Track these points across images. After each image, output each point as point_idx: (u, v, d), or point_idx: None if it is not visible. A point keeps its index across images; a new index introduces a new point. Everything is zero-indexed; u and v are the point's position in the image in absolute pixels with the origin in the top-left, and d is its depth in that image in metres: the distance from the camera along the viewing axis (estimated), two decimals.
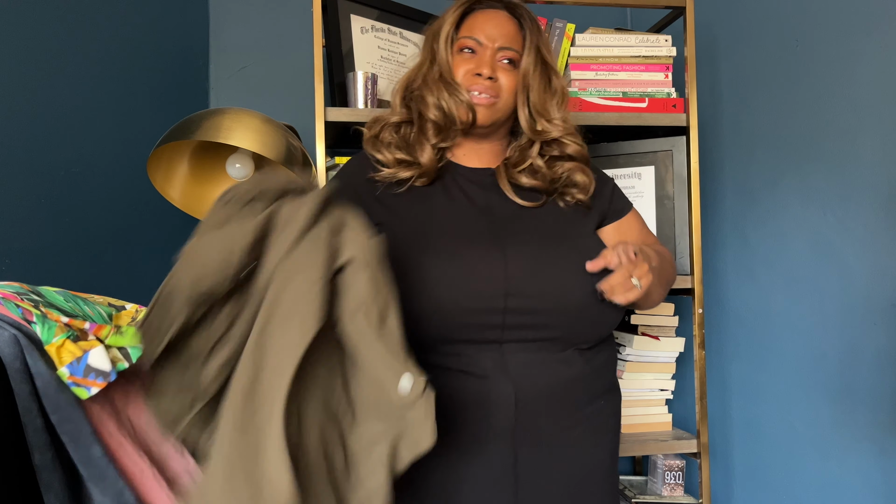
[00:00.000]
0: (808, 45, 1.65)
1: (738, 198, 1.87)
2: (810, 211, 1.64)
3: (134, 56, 1.68)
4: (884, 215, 1.46)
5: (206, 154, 1.67)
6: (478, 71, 1.12)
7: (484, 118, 1.13)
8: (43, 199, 1.37)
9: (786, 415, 1.71)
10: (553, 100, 1.16)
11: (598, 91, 1.66)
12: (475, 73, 1.13)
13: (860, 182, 1.52)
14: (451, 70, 1.14)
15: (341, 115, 1.56)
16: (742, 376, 1.86)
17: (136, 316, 0.93)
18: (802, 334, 1.66)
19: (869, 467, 1.50)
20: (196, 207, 1.69)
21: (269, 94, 2.08)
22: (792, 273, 1.69)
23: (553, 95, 1.16)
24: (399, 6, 1.78)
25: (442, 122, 1.13)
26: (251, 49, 2.08)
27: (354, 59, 1.68)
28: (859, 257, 1.52)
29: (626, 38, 1.68)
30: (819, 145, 1.62)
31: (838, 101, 1.57)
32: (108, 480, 0.80)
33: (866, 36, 1.50)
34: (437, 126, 1.13)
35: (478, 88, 1.12)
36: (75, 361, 0.78)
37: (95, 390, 0.79)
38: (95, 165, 1.53)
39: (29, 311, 0.79)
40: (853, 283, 1.53)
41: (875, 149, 1.48)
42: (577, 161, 1.17)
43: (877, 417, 1.48)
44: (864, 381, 1.51)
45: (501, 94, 1.14)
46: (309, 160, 1.58)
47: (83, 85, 1.50)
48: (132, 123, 1.66)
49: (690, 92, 1.65)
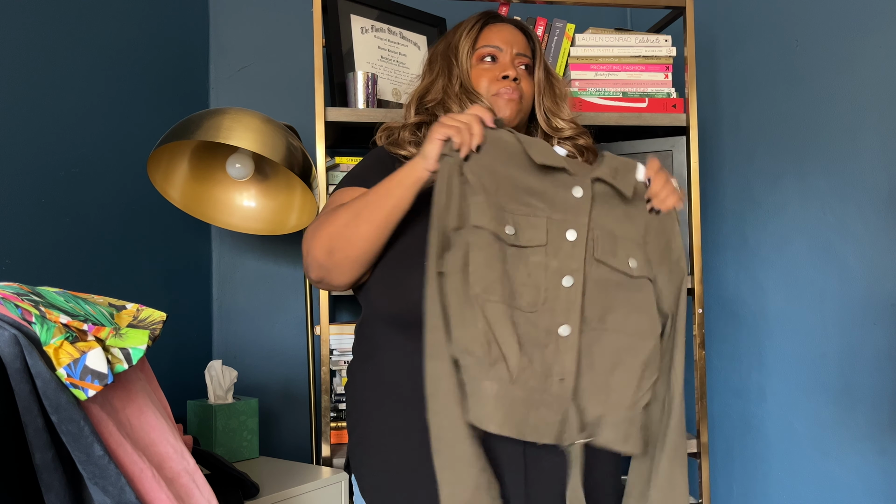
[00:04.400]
0: (808, 45, 1.65)
1: (738, 198, 1.87)
2: (810, 211, 1.64)
3: (134, 56, 1.68)
4: (884, 215, 1.46)
5: (206, 154, 1.67)
6: (504, 74, 1.23)
7: (511, 114, 1.22)
8: (43, 199, 1.37)
9: (786, 415, 1.72)
10: (563, 104, 1.29)
11: (597, 91, 1.66)
12: (501, 76, 1.23)
13: (860, 182, 1.52)
14: (472, 81, 1.24)
15: (341, 115, 1.56)
16: (742, 376, 1.86)
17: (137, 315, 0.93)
18: (802, 334, 1.66)
19: (869, 467, 1.50)
20: (196, 207, 1.69)
21: (269, 94, 2.08)
22: (792, 273, 1.69)
23: (563, 100, 1.30)
24: (399, 6, 1.78)
25: None
26: (251, 49, 2.08)
27: (354, 59, 1.68)
28: (859, 257, 1.52)
29: (626, 38, 1.68)
30: (819, 145, 1.62)
31: (838, 101, 1.57)
32: (108, 480, 0.80)
33: (866, 36, 1.50)
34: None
35: (505, 90, 1.22)
36: (73, 363, 0.78)
37: (92, 392, 0.79)
38: (95, 165, 1.53)
39: (28, 312, 0.79)
40: (853, 283, 1.53)
41: (875, 149, 1.48)
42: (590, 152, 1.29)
43: (877, 417, 1.48)
44: (864, 381, 1.51)
45: (524, 96, 1.25)
46: (309, 160, 1.58)
47: (83, 85, 1.50)
48: (132, 123, 1.66)
49: (690, 92, 1.65)
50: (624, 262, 1.06)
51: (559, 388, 1.01)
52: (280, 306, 2.07)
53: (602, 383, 1.03)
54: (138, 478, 0.84)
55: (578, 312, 1.03)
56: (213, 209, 1.72)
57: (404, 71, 1.75)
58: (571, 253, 1.04)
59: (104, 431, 0.83)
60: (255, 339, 2.06)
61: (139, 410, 0.89)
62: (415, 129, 1.24)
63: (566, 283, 1.03)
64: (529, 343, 1.01)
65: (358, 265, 1.11)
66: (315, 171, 1.58)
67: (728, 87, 1.92)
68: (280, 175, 1.71)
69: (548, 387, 1.01)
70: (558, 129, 1.28)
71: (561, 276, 1.03)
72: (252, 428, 1.65)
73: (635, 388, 1.04)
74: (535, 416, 1.00)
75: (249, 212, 1.76)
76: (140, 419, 0.89)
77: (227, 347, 2.05)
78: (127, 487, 0.80)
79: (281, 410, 2.05)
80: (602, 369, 1.03)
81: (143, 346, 0.85)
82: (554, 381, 1.01)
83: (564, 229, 1.05)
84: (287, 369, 2.06)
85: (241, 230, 1.74)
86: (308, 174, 1.56)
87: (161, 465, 0.89)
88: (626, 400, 1.03)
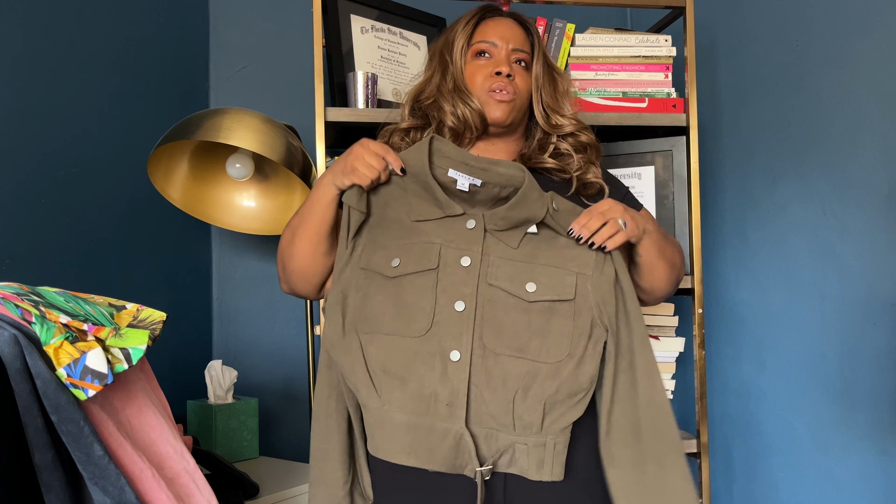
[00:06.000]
0: (807, 45, 1.65)
1: (738, 198, 1.87)
2: (810, 211, 1.64)
3: (134, 56, 1.68)
4: (884, 215, 1.46)
5: (206, 154, 1.67)
6: (497, 70, 1.19)
7: (504, 115, 1.19)
8: (43, 199, 1.37)
9: (786, 415, 1.72)
10: (564, 99, 1.25)
11: (597, 91, 1.66)
12: (494, 72, 1.19)
13: (860, 182, 1.52)
14: (465, 79, 1.22)
15: (341, 115, 1.56)
16: (742, 376, 1.86)
17: (137, 315, 0.93)
18: (802, 334, 1.66)
19: (869, 467, 1.50)
20: (196, 207, 1.69)
21: (269, 94, 2.08)
22: (792, 273, 1.69)
23: (563, 96, 1.25)
24: (399, 6, 1.78)
25: (459, 128, 1.20)
26: (251, 49, 2.08)
27: (354, 59, 1.68)
28: (859, 257, 1.52)
29: (626, 38, 1.68)
30: (819, 145, 1.62)
31: (838, 101, 1.57)
32: (108, 480, 0.80)
33: (866, 36, 1.50)
34: (455, 132, 1.21)
35: (497, 87, 1.19)
36: (73, 363, 0.78)
37: (92, 392, 0.79)
38: (95, 165, 1.53)
39: (28, 312, 0.79)
40: (853, 283, 1.53)
41: (875, 149, 1.48)
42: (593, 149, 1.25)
43: (877, 417, 1.48)
44: (864, 381, 1.51)
45: (519, 93, 1.21)
46: (309, 160, 1.58)
47: (83, 85, 1.50)
48: (132, 123, 1.66)
49: (690, 92, 1.65)
50: (520, 287, 1.03)
51: (447, 413, 0.98)
52: (280, 306, 2.07)
53: (505, 409, 0.99)
54: (138, 478, 0.84)
55: (470, 337, 1.00)
56: (213, 209, 1.72)
57: (404, 71, 1.75)
58: (465, 278, 1.03)
59: (104, 431, 0.83)
60: (255, 339, 2.06)
61: (139, 410, 0.89)
62: (404, 135, 1.24)
63: (458, 307, 1.02)
64: (409, 367, 1.00)
65: (309, 276, 1.15)
66: (315, 171, 1.58)
67: (728, 87, 1.92)
68: (280, 175, 1.71)
69: (431, 411, 0.99)
70: (557, 126, 1.23)
71: (453, 300, 1.02)
72: (252, 428, 1.65)
73: (541, 412, 0.99)
74: (410, 439, 0.99)
75: (249, 212, 1.76)
76: (140, 419, 0.89)
77: (227, 347, 2.05)
78: (127, 487, 0.80)
79: (281, 410, 2.05)
80: (504, 394, 1.00)
81: (143, 346, 0.85)
82: (440, 405, 0.99)
83: (458, 256, 1.04)
84: (287, 369, 2.06)
85: (241, 230, 1.74)
86: (308, 174, 1.56)
87: (161, 465, 0.89)
88: (533, 425, 1.00)
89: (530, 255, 1.06)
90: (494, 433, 1.00)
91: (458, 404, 0.98)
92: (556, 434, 1.00)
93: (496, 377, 1.00)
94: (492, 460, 1.00)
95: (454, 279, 1.03)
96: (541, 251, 1.06)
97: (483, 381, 1.00)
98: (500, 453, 1.01)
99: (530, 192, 1.04)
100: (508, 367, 1.00)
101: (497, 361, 1.00)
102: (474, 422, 1.00)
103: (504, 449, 1.00)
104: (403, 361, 1.01)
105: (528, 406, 0.99)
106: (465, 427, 0.98)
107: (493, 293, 1.03)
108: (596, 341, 1.03)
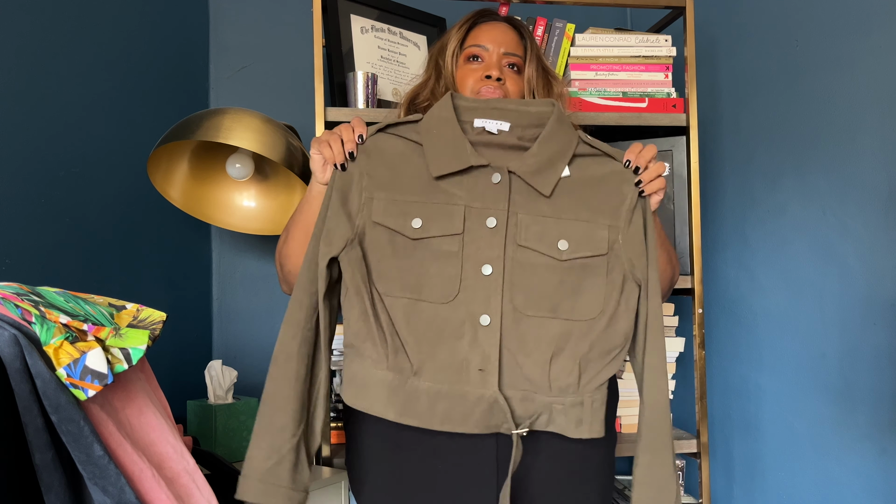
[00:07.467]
0: (807, 45, 1.65)
1: (738, 198, 1.87)
2: (810, 211, 1.64)
3: (134, 56, 1.68)
4: (884, 215, 1.46)
5: (206, 154, 1.67)
6: (487, 73, 1.20)
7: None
8: (43, 199, 1.37)
9: (786, 415, 1.72)
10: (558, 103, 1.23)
11: (597, 91, 1.66)
12: (484, 76, 1.20)
13: (860, 182, 1.52)
14: (456, 83, 1.23)
15: (341, 115, 1.56)
16: (742, 376, 1.86)
17: (137, 315, 0.93)
18: (802, 334, 1.66)
19: (869, 467, 1.50)
20: (196, 207, 1.69)
21: (269, 94, 2.08)
22: (792, 273, 1.69)
23: (558, 99, 1.25)
24: (399, 6, 1.78)
25: None
26: (251, 49, 2.08)
27: (354, 59, 1.68)
28: (859, 257, 1.52)
29: (626, 38, 1.68)
30: (819, 145, 1.62)
31: (838, 101, 1.57)
32: (108, 480, 0.80)
33: (866, 36, 1.50)
34: None
35: (487, 91, 1.19)
36: (73, 363, 0.78)
37: (92, 392, 0.79)
38: (95, 165, 1.53)
39: (28, 312, 0.79)
40: (853, 283, 1.53)
41: (875, 149, 1.48)
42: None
43: (877, 417, 1.48)
44: (864, 381, 1.51)
45: (508, 97, 1.20)
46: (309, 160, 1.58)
47: (83, 85, 1.50)
48: (132, 123, 1.66)
49: (690, 92, 1.65)
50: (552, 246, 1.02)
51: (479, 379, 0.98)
52: (280, 306, 2.07)
53: (541, 371, 1.00)
54: (138, 478, 0.85)
55: (499, 301, 1.00)
56: (213, 209, 1.72)
57: (404, 71, 1.75)
58: (490, 241, 1.01)
59: (104, 431, 0.83)
60: (255, 339, 2.06)
61: (139, 410, 0.89)
62: None
63: (485, 271, 1.01)
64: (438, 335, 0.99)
65: None
66: None
67: (728, 87, 1.92)
68: (280, 175, 1.71)
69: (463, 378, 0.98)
70: None
71: (479, 264, 1.01)
72: (252, 428, 1.65)
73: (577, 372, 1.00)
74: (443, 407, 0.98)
75: (249, 212, 1.76)
76: (140, 419, 0.89)
77: (227, 347, 2.05)
78: (127, 487, 0.80)
79: None
80: (538, 357, 1.00)
81: (143, 346, 0.85)
82: (472, 371, 0.98)
83: (484, 217, 1.02)
84: None
85: (241, 230, 1.74)
86: (308, 174, 1.56)
87: (161, 465, 0.90)
88: (570, 385, 1.00)
89: (560, 208, 1.04)
90: (531, 395, 1.00)
91: (490, 370, 0.98)
92: (593, 392, 1.01)
93: (529, 340, 1.00)
94: (528, 421, 1.00)
95: (480, 244, 1.02)
96: (571, 202, 1.05)
97: (516, 344, 0.99)
98: (538, 415, 1.01)
99: (561, 122, 1.05)
100: (542, 329, 1.00)
101: (530, 324, 1.00)
102: (508, 385, 0.99)
103: (541, 410, 1.00)
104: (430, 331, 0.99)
105: (564, 367, 0.99)
106: (498, 391, 0.98)
107: (522, 254, 1.02)
108: (628, 296, 1.03)
